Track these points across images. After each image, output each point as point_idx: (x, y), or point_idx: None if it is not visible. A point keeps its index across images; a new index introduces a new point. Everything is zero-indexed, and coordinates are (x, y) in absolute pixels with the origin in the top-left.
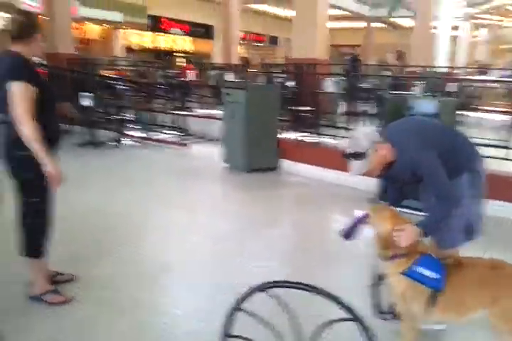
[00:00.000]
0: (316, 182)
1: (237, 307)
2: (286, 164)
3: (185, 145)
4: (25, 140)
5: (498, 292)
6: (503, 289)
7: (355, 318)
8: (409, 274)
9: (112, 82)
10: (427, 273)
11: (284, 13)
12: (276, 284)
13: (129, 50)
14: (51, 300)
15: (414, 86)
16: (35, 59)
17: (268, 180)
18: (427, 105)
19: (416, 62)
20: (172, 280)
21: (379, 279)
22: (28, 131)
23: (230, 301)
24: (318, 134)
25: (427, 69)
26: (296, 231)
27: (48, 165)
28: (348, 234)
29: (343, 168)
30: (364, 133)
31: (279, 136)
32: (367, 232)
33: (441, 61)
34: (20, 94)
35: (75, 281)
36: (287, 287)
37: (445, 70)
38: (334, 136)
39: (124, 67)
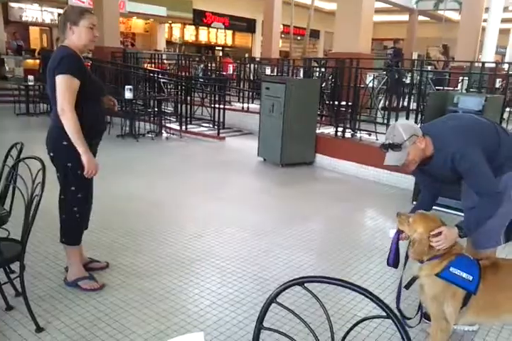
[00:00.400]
0: (352, 178)
1: (272, 300)
2: (322, 159)
3: (222, 138)
4: (66, 130)
5: None
6: None
7: (391, 316)
8: (445, 276)
9: (153, 75)
10: (462, 274)
11: (327, 6)
12: (314, 279)
13: (171, 43)
14: (86, 286)
15: (459, 81)
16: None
17: (304, 175)
18: (471, 101)
19: (462, 56)
20: (205, 270)
21: (411, 281)
22: (68, 121)
23: (261, 294)
24: (357, 130)
25: (474, 64)
26: (331, 226)
27: (84, 155)
28: (394, 260)
29: (381, 165)
30: (403, 125)
31: (317, 130)
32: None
33: (488, 56)
34: (64, 86)
35: (109, 268)
36: (324, 282)
37: (492, 65)
38: (373, 132)
39: (166, 61)
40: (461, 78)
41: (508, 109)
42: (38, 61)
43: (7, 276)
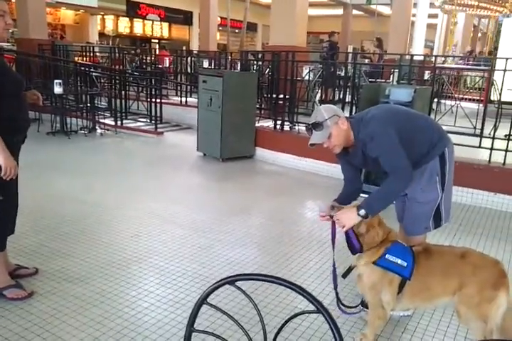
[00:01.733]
0: (292, 170)
1: (202, 301)
2: (262, 152)
3: (160, 133)
4: None
5: (464, 280)
6: (468, 277)
7: (321, 310)
8: (382, 263)
9: (84, 68)
10: (398, 261)
11: (263, 0)
12: (244, 277)
13: (105, 36)
14: (12, 295)
15: (391, 74)
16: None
17: (244, 169)
18: (401, 93)
19: (393, 49)
20: (142, 271)
21: (348, 270)
22: None
23: (201, 292)
24: (295, 122)
25: (405, 57)
26: (271, 220)
27: (0, 154)
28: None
29: (319, 157)
30: (325, 106)
31: (256, 124)
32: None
33: (418, 49)
34: None
35: (39, 275)
36: (254, 280)
37: (421, 58)
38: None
39: (98, 54)
40: (392, 71)
41: (436, 100)
42: None
43: None
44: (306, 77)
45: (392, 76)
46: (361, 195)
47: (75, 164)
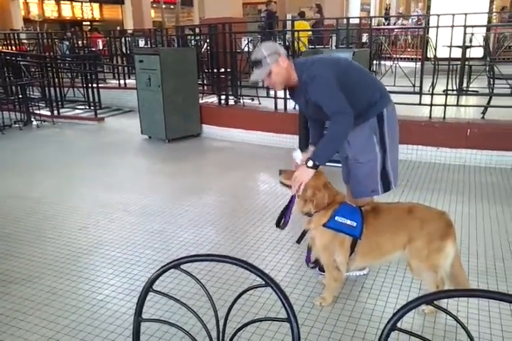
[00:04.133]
0: (241, 145)
1: (148, 289)
2: (209, 129)
3: (100, 119)
4: None
5: (413, 234)
6: (416, 231)
7: (268, 283)
8: (331, 225)
9: (10, 58)
10: (347, 221)
11: None
12: (186, 260)
13: (30, 21)
14: None
15: (329, 38)
16: None
17: (192, 148)
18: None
19: (330, 14)
20: (94, 263)
21: (302, 235)
22: None
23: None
24: (239, 96)
25: (343, 21)
26: (224, 197)
27: None
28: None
29: (267, 129)
30: (266, 44)
31: (200, 101)
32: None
33: (354, 12)
34: None
35: None
36: (199, 260)
37: (357, 21)
38: (255, 96)
39: (25, 41)
40: (331, 35)
41: (375, 62)
42: None
43: None
44: (246, 49)
45: (330, 41)
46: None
47: (12, 160)
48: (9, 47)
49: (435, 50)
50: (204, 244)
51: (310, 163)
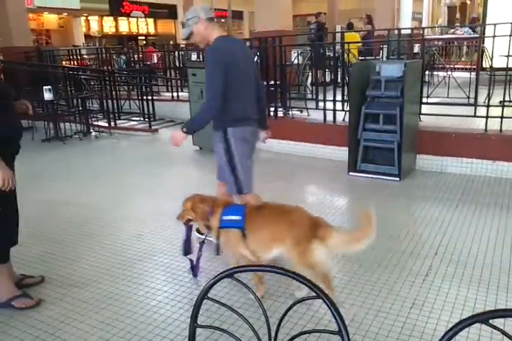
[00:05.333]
0: (288, 156)
1: (203, 297)
2: None
3: (154, 130)
4: None
5: (283, 234)
6: (285, 231)
7: (321, 296)
8: (222, 225)
9: (73, 72)
10: (232, 217)
11: None
12: (240, 269)
13: (90, 37)
14: (19, 304)
15: (380, 50)
16: None
17: None
18: (392, 69)
19: (381, 25)
20: (148, 270)
21: (217, 246)
22: None
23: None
24: (288, 108)
25: (394, 32)
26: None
27: None
28: (189, 249)
29: (315, 141)
30: (192, 8)
31: None
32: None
33: (406, 22)
34: None
35: (45, 282)
36: (250, 271)
37: (409, 31)
38: (304, 108)
39: (86, 56)
40: (381, 46)
41: (427, 72)
42: None
43: None
44: (296, 61)
45: (381, 52)
46: (361, 174)
47: (72, 169)
48: (71, 62)
49: (491, 60)
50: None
51: (183, 129)
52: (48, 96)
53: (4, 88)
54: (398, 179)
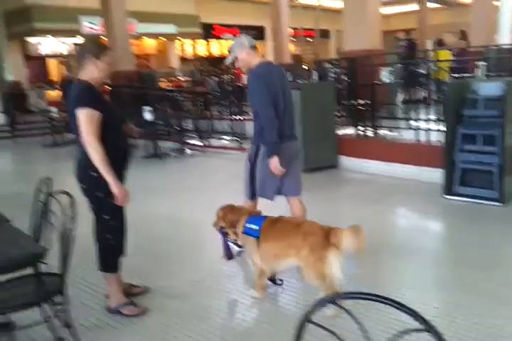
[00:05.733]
0: (379, 177)
1: (306, 319)
2: (346, 161)
3: (244, 149)
4: (93, 161)
5: (298, 244)
6: (301, 241)
7: (429, 328)
8: (244, 231)
9: (170, 94)
10: (252, 226)
11: (335, 5)
12: (345, 296)
13: (185, 60)
14: (127, 312)
15: (476, 67)
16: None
17: (329, 179)
18: (491, 88)
19: (477, 40)
20: (243, 286)
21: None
22: (93, 152)
23: (302, 307)
24: (378, 127)
25: (491, 48)
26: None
27: (113, 185)
28: (229, 254)
29: (409, 161)
30: (238, 38)
31: (337, 132)
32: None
33: (505, 37)
34: (85, 119)
35: (149, 292)
36: (357, 298)
37: (509, 47)
38: (395, 128)
39: (181, 78)
40: (477, 63)
41: None
42: (58, 92)
43: (52, 310)
44: (386, 80)
45: (478, 69)
46: (457, 197)
47: (168, 185)
48: (169, 84)
49: None
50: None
51: (271, 156)
52: (148, 116)
53: (116, 111)
54: (499, 203)
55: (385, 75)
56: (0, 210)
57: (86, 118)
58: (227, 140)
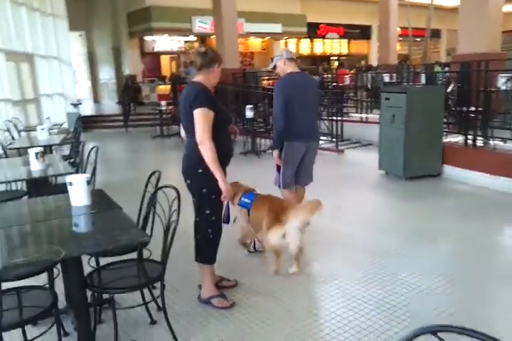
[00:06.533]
0: (485, 191)
1: None
2: (450, 170)
3: (341, 151)
4: (205, 159)
5: (264, 218)
6: (265, 216)
7: None
8: (239, 203)
9: (271, 93)
10: (245, 200)
11: (448, 3)
12: (449, 328)
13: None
14: (218, 304)
15: None
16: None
17: (430, 188)
18: None
19: None
20: (329, 292)
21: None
22: (207, 150)
23: (388, 321)
24: (489, 137)
25: None
26: (464, 248)
27: (222, 182)
28: (227, 218)
29: None
30: (281, 49)
31: (443, 139)
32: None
33: None
34: (202, 118)
35: (237, 287)
36: (462, 334)
37: None
38: (509, 139)
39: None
40: None
41: None
42: (168, 86)
43: (151, 294)
44: (503, 87)
45: None
46: None
47: (263, 181)
48: (270, 83)
49: None
50: (439, 297)
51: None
52: (249, 114)
53: (226, 112)
54: None
55: (503, 82)
56: (112, 196)
57: (203, 118)
58: (324, 140)
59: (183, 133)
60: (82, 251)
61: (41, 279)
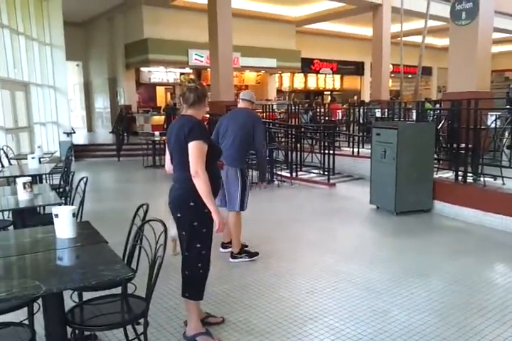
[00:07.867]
0: (476, 227)
1: None
2: (441, 206)
3: (332, 184)
4: (200, 191)
5: None
6: None
7: None
8: None
9: (265, 125)
10: None
11: (439, 42)
12: None
13: (281, 92)
14: None
15: None
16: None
17: (421, 224)
18: None
19: None
20: (318, 331)
21: None
22: (202, 183)
23: None
24: (480, 174)
25: None
26: (455, 285)
27: (215, 214)
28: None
29: (508, 213)
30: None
31: (434, 175)
32: None
33: None
34: (197, 151)
35: (224, 324)
36: None
37: None
38: (499, 176)
39: (276, 109)
40: None
41: None
42: (163, 117)
43: (134, 331)
44: (492, 125)
45: None
46: None
47: (257, 214)
48: (264, 115)
49: None
50: (430, 336)
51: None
52: None
53: (217, 146)
54: None
55: (492, 120)
56: (99, 226)
57: (198, 150)
58: (315, 173)
59: (168, 165)
60: (64, 286)
61: (21, 314)
